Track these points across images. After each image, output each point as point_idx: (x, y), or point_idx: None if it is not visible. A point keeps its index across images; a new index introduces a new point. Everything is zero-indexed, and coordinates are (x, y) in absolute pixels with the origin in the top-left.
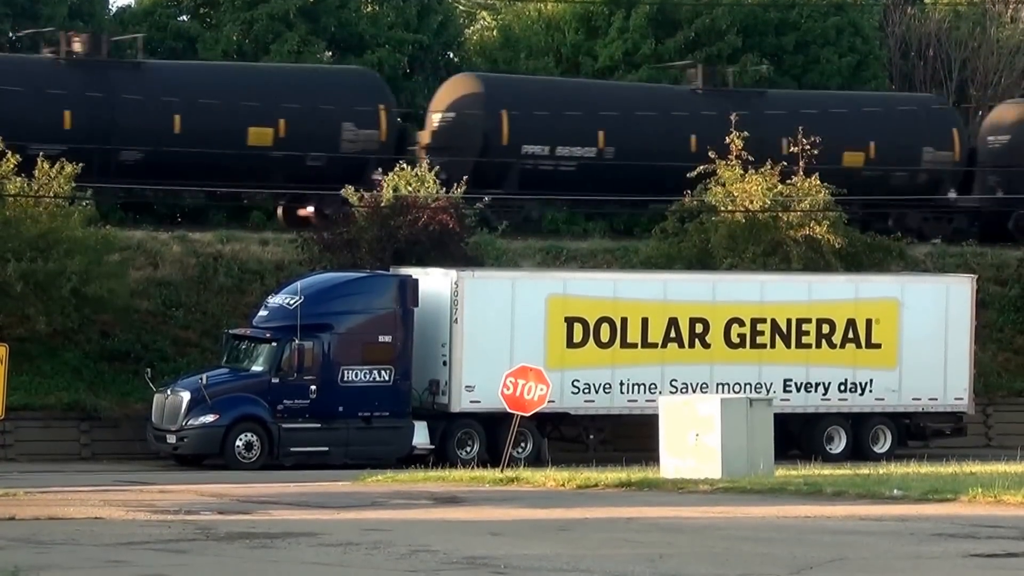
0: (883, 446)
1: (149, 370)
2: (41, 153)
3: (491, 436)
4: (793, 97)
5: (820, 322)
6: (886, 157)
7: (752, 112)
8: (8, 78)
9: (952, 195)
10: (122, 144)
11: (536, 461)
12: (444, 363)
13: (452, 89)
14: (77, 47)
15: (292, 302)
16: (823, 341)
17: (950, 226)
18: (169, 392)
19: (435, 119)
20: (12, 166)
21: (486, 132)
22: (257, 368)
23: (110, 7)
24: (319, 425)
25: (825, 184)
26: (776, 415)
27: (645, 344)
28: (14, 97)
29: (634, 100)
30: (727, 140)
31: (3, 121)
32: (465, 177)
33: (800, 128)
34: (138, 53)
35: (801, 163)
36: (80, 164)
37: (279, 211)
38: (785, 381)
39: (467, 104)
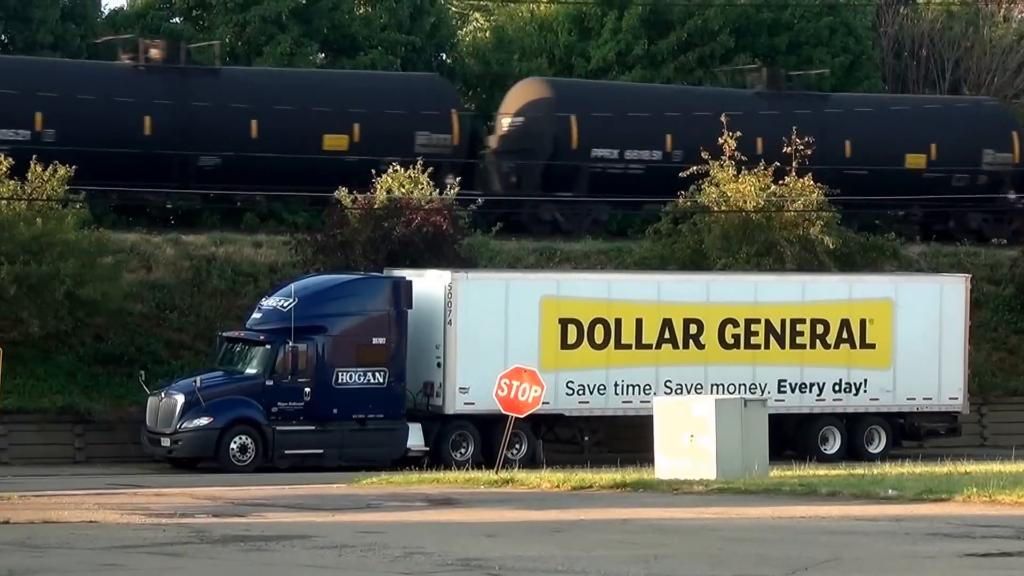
0: (878, 446)
1: (143, 373)
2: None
3: (486, 438)
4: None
5: (814, 322)
6: None
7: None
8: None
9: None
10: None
11: (531, 463)
12: (438, 365)
13: (521, 93)
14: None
15: (286, 304)
16: (817, 341)
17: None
18: (163, 395)
19: (504, 123)
20: (5, 169)
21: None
22: (251, 370)
23: (102, 9)
24: (313, 427)
25: (819, 184)
26: (771, 416)
27: (639, 345)
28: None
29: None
30: (720, 140)
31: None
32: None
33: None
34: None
35: (795, 163)
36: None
37: None
38: (779, 381)
39: (537, 108)
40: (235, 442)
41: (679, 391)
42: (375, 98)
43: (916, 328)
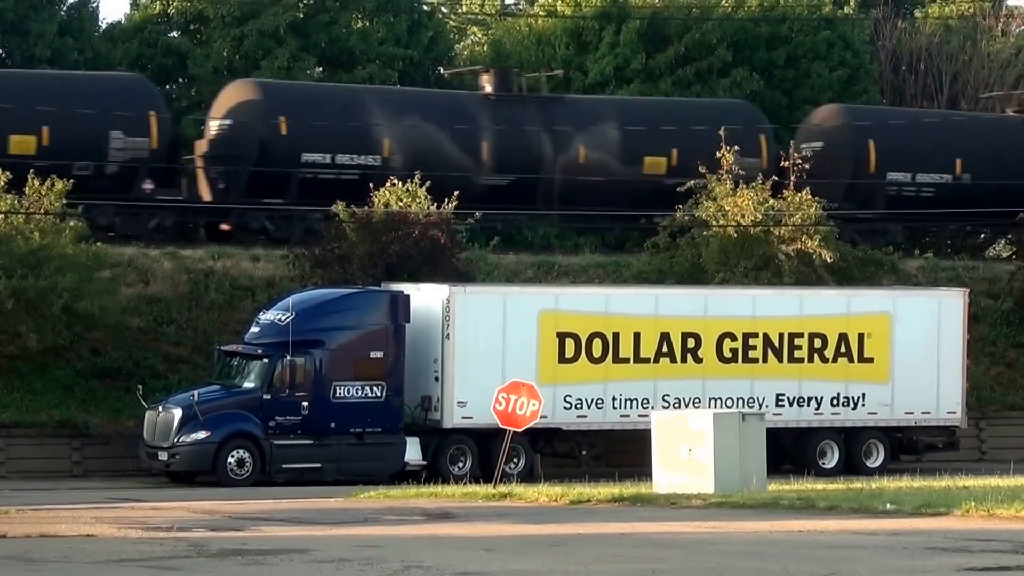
0: (876, 460)
1: (140, 387)
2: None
3: (483, 452)
4: None
5: (812, 336)
6: None
7: None
8: None
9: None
10: None
11: (529, 477)
12: (436, 379)
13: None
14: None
15: (283, 318)
16: (815, 355)
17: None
18: (161, 409)
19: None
20: (3, 183)
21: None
22: (249, 384)
23: (100, 24)
24: (311, 441)
25: (816, 199)
26: (769, 430)
27: (637, 359)
28: None
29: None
30: (718, 155)
31: None
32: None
33: None
34: None
35: (792, 177)
36: None
37: None
38: (777, 395)
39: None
40: (233, 456)
41: (677, 405)
42: None
43: (914, 342)
